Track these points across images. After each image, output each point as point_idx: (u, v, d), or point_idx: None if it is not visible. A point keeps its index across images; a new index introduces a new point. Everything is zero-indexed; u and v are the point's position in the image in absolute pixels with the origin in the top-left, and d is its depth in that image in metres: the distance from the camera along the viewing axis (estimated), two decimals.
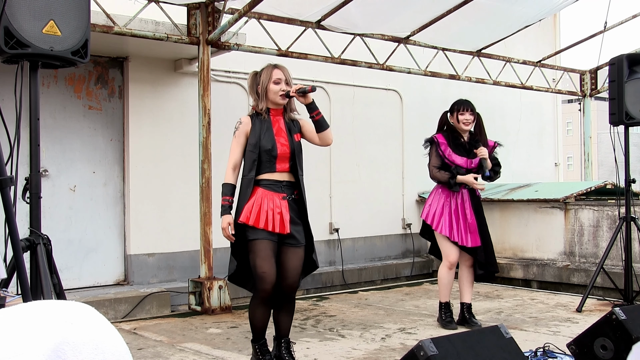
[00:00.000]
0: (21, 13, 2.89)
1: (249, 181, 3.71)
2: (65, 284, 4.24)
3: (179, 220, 6.95)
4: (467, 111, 4.96)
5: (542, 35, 10.67)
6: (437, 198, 5.02)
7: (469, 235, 4.91)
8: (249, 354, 4.32)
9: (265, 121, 3.79)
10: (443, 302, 5.10)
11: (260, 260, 3.61)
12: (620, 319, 3.29)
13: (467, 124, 4.97)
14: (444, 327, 5.01)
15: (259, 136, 3.73)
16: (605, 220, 7.19)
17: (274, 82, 3.79)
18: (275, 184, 3.72)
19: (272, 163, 3.72)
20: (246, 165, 3.76)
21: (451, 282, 5.08)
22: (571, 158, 31.17)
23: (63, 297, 3.09)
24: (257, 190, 3.70)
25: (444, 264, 5.04)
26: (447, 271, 5.04)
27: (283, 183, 3.75)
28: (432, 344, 2.45)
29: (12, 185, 2.52)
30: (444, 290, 5.08)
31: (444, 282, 5.06)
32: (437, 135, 5.06)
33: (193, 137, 6.52)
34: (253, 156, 3.72)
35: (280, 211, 3.66)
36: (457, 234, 4.90)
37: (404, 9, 6.97)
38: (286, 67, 3.90)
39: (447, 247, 4.96)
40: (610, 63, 5.72)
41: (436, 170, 4.99)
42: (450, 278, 5.06)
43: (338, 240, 8.35)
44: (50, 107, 6.37)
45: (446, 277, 5.05)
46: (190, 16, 6.07)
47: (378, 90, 8.82)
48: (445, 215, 4.93)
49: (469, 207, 4.94)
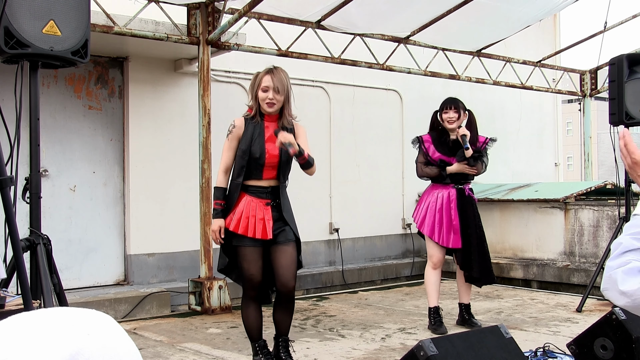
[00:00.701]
0: (21, 13, 2.89)
1: (237, 186, 3.74)
2: (65, 284, 4.23)
3: (179, 220, 6.95)
4: (451, 109, 4.92)
5: (542, 35, 10.67)
6: (426, 198, 5.03)
7: (451, 235, 4.87)
8: (249, 354, 4.33)
9: (258, 125, 3.75)
10: (432, 307, 4.99)
11: (246, 264, 3.73)
12: (620, 319, 3.29)
13: (451, 122, 4.91)
14: (434, 332, 4.89)
15: (250, 142, 3.70)
16: (605, 220, 7.19)
17: (262, 89, 3.72)
18: (260, 190, 3.74)
19: (260, 171, 3.72)
20: (235, 169, 3.78)
21: (437, 283, 5.00)
22: (571, 158, 31.17)
23: (63, 297, 3.09)
24: (243, 196, 3.74)
25: (428, 264, 5.02)
26: (431, 271, 4.98)
27: (268, 189, 3.76)
28: (432, 344, 2.45)
29: (12, 185, 2.52)
30: (431, 293, 4.98)
31: (429, 282, 5.00)
32: (423, 135, 5.10)
33: (193, 137, 6.52)
34: (242, 162, 3.72)
35: (263, 217, 3.70)
36: (439, 234, 4.87)
37: (404, 9, 6.97)
38: (281, 73, 3.75)
39: (431, 247, 4.95)
40: (610, 63, 5.71)
41: (424, 166, 5.00)
42: (435, 279, 4.98)
43: (338, 240, 8.35)
44: (50, 107, 6.37)
45: (431, 278, 4.98)
46: (190, 16, 6.07)
47: (378, 90, 8.82)
48: (429, 215, 4.91)
49: (454, 207, 4.89)
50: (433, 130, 5.09)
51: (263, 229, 3.69)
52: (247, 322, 3.86)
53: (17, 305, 2.48)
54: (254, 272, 3.73)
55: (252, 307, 3.83)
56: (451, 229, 4.88)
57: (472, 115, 5.06)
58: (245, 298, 3.85)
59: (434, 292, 4.99)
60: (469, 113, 5.04)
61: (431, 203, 4.94)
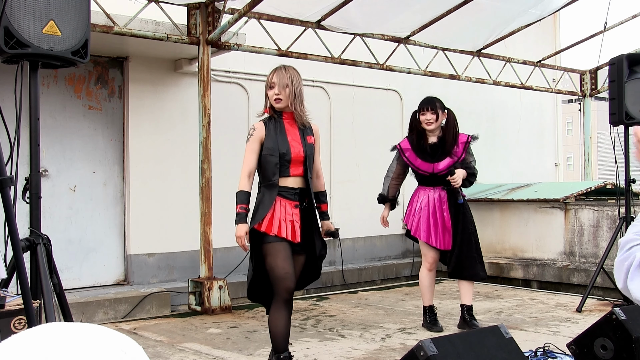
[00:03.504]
0: (21, 13, 2.89)
1: (273, 186, 3.59)
2: (65, 284, 4.24)
3: (179, 220, 6.95)
4: (428, 111, 4.81)
5: (542, 35, 10.67)
6: (415, 201, 4.97)
7: (446, 237, 4.84)
8: (249, 354, 4.33)
9: (278, 124, 3.68)
10: (426, 305, 5.03)
11: (280, 261, 3.49)
12: (620, 319, 3.29)
13: (429, 124, 4.82)
14: (430, 330, 4.89)
15: (276, 139, 3.62)
16: (605, 220, 7.19)
17: (270, 86, 3.69)
18: (288, 191, 3.62)
19: (286, 167, 3.61)
20: (268, 170, 3.61)
21: (432, 284, 5.00)
22: (571, 158, 31.16)
23: (63, 297, 3.09)
24: (277, 200, 3.59)
25: (423, 266, 4.98)
26: (426, 273, 4.96)
27: (296, 190, 3.64)
28: (432, 344, 2.45)
29: (12, 185, 2.52)
30: (425, 293, 5.01)
31: (424, 283, 4.99)
32: (401, 142, 5.06)
33: (193, 137, 6.52)
34: (274, 160, 3.59)
35: (292, 219, 3.58)
36: (435, 238, 4.83)
37: (404, 9, 6.97)
38: (289, 70, 3.70)
39: (426, 249, 4.93)
40: (610, 63, 5.71)
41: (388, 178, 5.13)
42: (430, 280, 4.97)
43: (338, 240, 8.34)
44: (50, 107, 6.37)
45: (426, 279, 4.97)
46: (190, 16, 6.07)
47: (378, 90, 8.82)
48: (422, 219, 4.86)
49: (446, 209, 4.84)
50: (412, 131, 5.01)
51: (292, 231, 3.56)
52: (276, 329, 3.54)
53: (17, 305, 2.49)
54: (289, 270, 3.48)
55: (283, 312, 3.52)
56: (445, 231, 4.84)
57: (451, 114, 4.91)
58: (277, 302, 3.51)
59: (428, 292, 5.01)
60: (449, 112, 4.92)
61: (423, 208, 4.88)
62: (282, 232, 3.52)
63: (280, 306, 3.52)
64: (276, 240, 3.52)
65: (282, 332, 3.54)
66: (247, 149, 3.66)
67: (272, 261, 3.50)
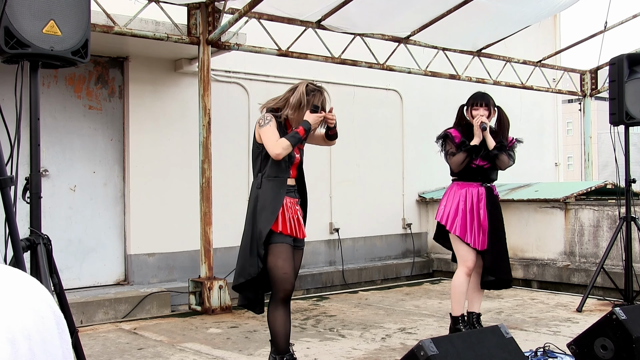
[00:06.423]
0: (21, 13, 2.89)
1: (281, 182, 3.59)
2: (65, 284, 4.23)
3: (179, 220, 6.95)
4: (482, 107, 4.51)
5: (542, 35, 10.67)
6: (451, 197, 4.53)
7: (481, 236, 4.44)
8: (249, 354, 4.33)
9: (282, 126, 3.67)
10: (458, 315, 4.48)
11: (282, 262, 3.51)
12: (621, 319, 3.29)
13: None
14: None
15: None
16: (605, 220, 7.19)
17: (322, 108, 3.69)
18: (291, 189, 3.69)
19: (289, 168, 3.66)
20: (278, 165, 3.58)
21: (466, 292, 4.46)
22: (571, 158, 31.19)
23: (63, 297, 3.09)
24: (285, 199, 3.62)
25: (461, 270, 4.43)
26: (464, 278, 4.42)
27: (295, 187, 3.74)
28: (432, 344, 2.45)
29: (12, 185, 2.52)
30: (460, 301, 4.45)
31: (460, 290, 4.43)
32: (450, 130, 4.58)
33: (193, 137, 6.52)
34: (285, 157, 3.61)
35: (297, 217, 3.66)
36: (471, 236, 4.42)
37: (404, 9, 6.97)
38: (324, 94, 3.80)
39: (465, 251, 4.43)
40: (611, 63, 5.72)
41: (453, 157, 4.47)
42: (466, 287, 4.44)
43: (338, 240, 8.34)
44: (50, 107, 6.37)
45: (463, 286, 4.42)
46: (190, 16, 6.07)
47: (378, 90, 8.82)
48: (459, 215, 4.44)
49: (483, 207, 4.48)
50: (459, 126, 4.61)
51: (299, 227, 3.66)
52: (276, 328, 3.55)
53: None
54: (288, 272, 3.53)
55: (281, 311, 3.55)
56: (480, 230, 4.44)
57: (502, 112, 4.67)
58: (275, 300, 3.55)
59: (462, 300, 4.48)
60: (499, 109, 4.70)
61: (460, 203, 4.46)
62: (292, 231, 3.58)
63: (278, 305, 3.56)
64: (280, 240, 3.54)
65: (282, 331, 3.55)
66: (268, 129, 3.56)
67: (274, 261, 3.53)
